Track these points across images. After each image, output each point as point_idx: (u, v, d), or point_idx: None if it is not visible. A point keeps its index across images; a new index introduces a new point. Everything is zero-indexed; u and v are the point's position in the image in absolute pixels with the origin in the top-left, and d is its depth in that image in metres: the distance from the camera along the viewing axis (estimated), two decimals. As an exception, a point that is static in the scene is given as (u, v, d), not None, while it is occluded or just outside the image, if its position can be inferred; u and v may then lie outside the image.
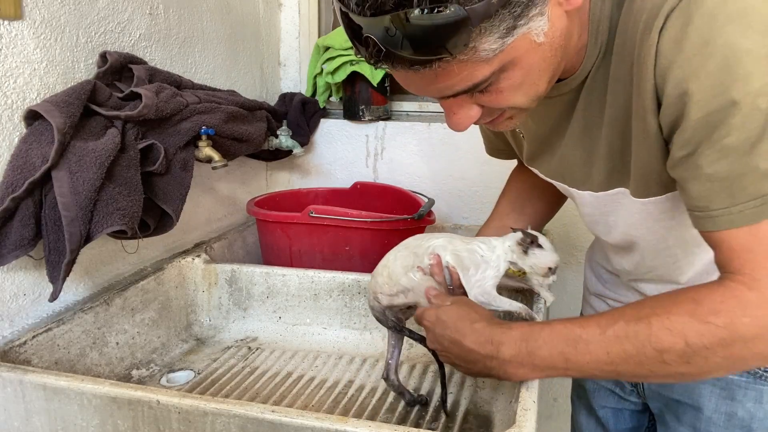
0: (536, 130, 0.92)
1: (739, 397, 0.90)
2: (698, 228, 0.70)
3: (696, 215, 0.70)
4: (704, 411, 0.93)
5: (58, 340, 1.02)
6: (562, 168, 0.91)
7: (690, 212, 0.71)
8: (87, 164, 0.96)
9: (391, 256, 1.00)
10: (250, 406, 0.78)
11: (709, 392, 0.92)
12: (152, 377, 1.14)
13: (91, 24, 1.11)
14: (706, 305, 0.67)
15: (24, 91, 0.99)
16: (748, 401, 0.89)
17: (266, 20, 1.76)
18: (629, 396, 1.09)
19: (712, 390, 0.92)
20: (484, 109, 0.74)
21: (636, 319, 0.71)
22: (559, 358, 0.75)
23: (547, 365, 0.76)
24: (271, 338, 1.29)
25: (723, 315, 0.66)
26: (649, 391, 1.04)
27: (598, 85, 0.78)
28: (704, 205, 0.68)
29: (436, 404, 1.04)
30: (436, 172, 1.75)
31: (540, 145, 0.93)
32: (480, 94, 0.71)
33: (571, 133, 0.85)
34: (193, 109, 1.20)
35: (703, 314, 0.67)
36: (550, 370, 0.77)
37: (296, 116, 1.72)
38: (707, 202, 0.67)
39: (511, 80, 0.69)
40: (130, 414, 0.82)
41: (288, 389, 1.10)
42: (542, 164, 0.95)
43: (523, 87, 0.70)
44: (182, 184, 1.17)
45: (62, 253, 0.96)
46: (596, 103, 0.79)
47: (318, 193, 1.72)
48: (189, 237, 1.44)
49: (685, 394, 0.95)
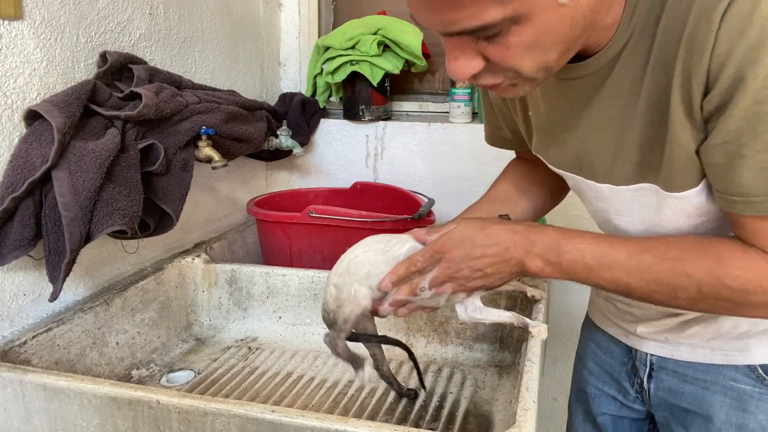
0: (548, 116, 0.87)
1: (752, 408, 0.88)
2: (732, 210, 0.71)
3: (733, 199, 0.70)
4: (714, 422, 0.90)
5: (58, 340, 1.02)
6: (578, 159, 0.85)
7: (725, 195, 0.71)
8: (87, 164, 0.96)
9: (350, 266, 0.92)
10: (250, 406, 0.78)
11: (721, 402, 0.90)
12: (152, 377, 1.14)
13: (91, 24, 1.11)
14: (727, 266, 0.72)
15: (24, 91, 0.99)
16: (761, 413, 0.87)
17: (266, 20, 1.76)
18: (632, 403, 1.05)
19: (724, 400, 0.90)
20: (488, 64, 0.69)
21: (662, 256, 0.75)
22: (583, 267, 0.79)
23: (572, 270, 0.80)
24: (271, 338, 1.29)
25: (740, 281, 0.71)
26: (655, 399, 0.99)
27: (630, 70, 0.73)
28: (743, 192, 0.68)
29: (436, 404, 1.04)
30: (436, 172, 1.75)
31: (551, 133, 0.88)
32: (486, 44, 0.66)
33: (593, 120, 0.80)
34: (193, 109, 1.20)
35: (722, 274, 0.71)
36: (572, 275, 0.80)
37: (296, 116, 1.72)
38: (747, 189, 0.68)
39: (521, 37, 0.64)
40: (130, 414, 0.82)
41: (288, 389, 1.10)
42: (552, 154, 0.90)
43: (533, 50, 0.66)
44: (182, 184, 1.17)
45: (62, 253, 0.96)
46: (630, 90, 0.74)
47: (318, 193, 1.72)
48: (189, 237, 1.44)
49: (694, 403, 0.93)
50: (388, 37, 1.69)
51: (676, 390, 0.95)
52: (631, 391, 1.04)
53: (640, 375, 1.00)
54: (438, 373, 1.14)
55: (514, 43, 0.65)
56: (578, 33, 0.67)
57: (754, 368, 0.87)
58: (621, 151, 0.78)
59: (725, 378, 0.89)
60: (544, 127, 0.89)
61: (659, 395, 0.98)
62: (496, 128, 1.06)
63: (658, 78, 0.70)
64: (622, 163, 0.79)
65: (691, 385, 0.93)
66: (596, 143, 0.81)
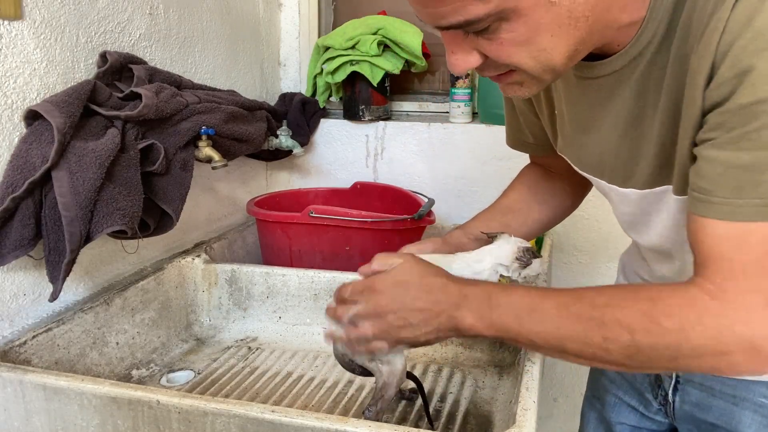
0: (570, 116, 0.84)
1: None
2: (693, 210, 0.66)
3: (696, 196, 0.65)
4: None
5: (58, 340, 1.02)
6: (600, 162, 0.82)
7: (691, 191, 0.66)
8: (87, 164, 0.96)
9: None
10: (250, 406, 0.78)
11: (750, 419, 0.86)
12: (152, 377, 1.14)
13: (91, 24, 1.11)
14: (661, 306, 0.66)
15: (24, 91, 0.99)
16: None
17: (266, 20, 1.76)
18: (655, 415, 1.01)
19: (754, 417, 0.85)
20: (488, 60, 0.68)
21: (592, 305, 0.70)
22: (514, 321, 0.74)
23: (503, 325, 0.75)
24: (271, 338, 1.29)
25: (676, 319, 0.64)
26: (681, 412, 0.94)
27: (656, 70, 0.70)
28: (709, 189, 0.63)
29: (436, 405, 1.04)
30: (436, 172, 1.75)
31: (575, 132, 0.85)
32: (480, 39, 0.66)
33: (614, 122, 0.77)
34: (193, 109, 1.20)
35: (656, 314, 0.65)
36: (504, 331, 0.76)
37: (296, 116, 1.72)
38: (714, 186, 0.63)
39: (513, 33, 0.63)
40: (130, 414, 0.82)
41: (288, 389, 1.10)
42: (575, 155, 0.87)
43: (528, 46, 0.65)
44: (182, 184, 1.17)
45: (62, 253, 0.96)
46: (653, 89, 0.71)
47: (318, 193, 1.72)
48: (189, 237, 1.44)
49: (722, 418, 0.88)
50: (388, 37, 1.69)
51: (703, 404, 0.91)
52: (654, 402, 1.00)
53: (665, 387, 0.97)
54: (438, 373, 1.14)
55: (507, 40, 0.64)
56: (583, 33, 0.65)
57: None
58: (642, 153, 0.75)
59: (756, 395, 0.85)
60: (567, 128, 0.87)
61: (685, 408, 0.94)
62: (518, 131, 1.04)
63: (677, 77, 0.68)
64: (644, 166, 0.76)
65: (719, 400, 0.88)
66: (618, 147, 0.78)
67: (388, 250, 0.99)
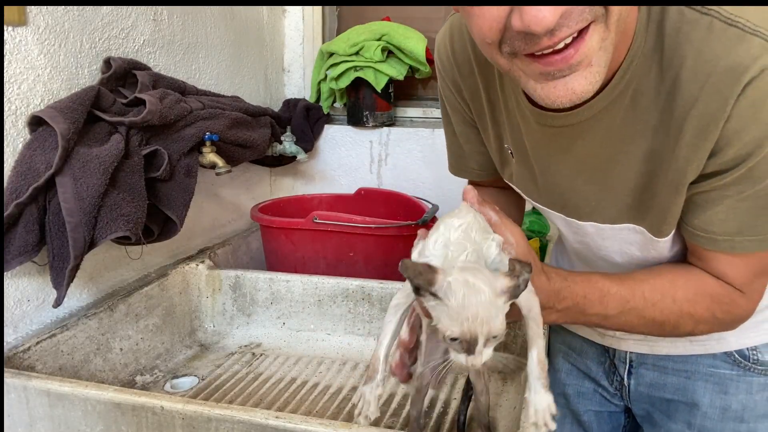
0: (531, 152, 0.85)
1: (732, 390, 0.93)
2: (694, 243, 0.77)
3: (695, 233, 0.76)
4: (700, 406, 0.95)
5: (62, 346, 1.02)
6: (561, 200, 0.86)
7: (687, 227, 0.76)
8: (91, 170, 0.96)
9: None
10: (254, 412, 0.78)
11: (703, 388, 0.95)
12: (156, 383, 1.14)
13: (95, 30, 1.11)
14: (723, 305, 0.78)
15: (28, 97, 0.99)
16: (740, 393, 0.93)
17: (270, 26, 1.77)
18: (611, 398, 1.07)
19: (706, 386, 0.94)
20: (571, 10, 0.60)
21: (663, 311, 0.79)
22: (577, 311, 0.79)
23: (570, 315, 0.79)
24: (275, 344, 1.29)
25: (729, 314, 0.79)
26: (636, 394, 1.02)
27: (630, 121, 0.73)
28: (711, 230, 0.74)
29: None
30: (440, 178, 1.74)
31: (531, 170, 0.87)
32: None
33: (578, 167, 0.80)
34: (196, 115, 1.20)
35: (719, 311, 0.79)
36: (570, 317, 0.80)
37: (300, 122, 1.72)
38: (716, 228, 0.74)
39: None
40: (134, 420, 0.82)
41: (292, 395, 1.10)
42: (532, 190, 0.90)
43: None
44: (186, 190, 1.17)
45: (66, 259, 0.96)
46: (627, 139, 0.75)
47: (322, 199, 1.72)
48: (193, 243, 1.44)
49: (678, 392, 0.97)
50: (392, 43, 1.69)
51: (658, 383, 0.99)
52: (609, 388, 1.07)
53: (620, 372, 1.03)
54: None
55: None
56: None
57: (731, 354, 0.92)
58: (609, 194, 0.80)
59: (705, 366, 0.94)
60: (525, 163, 0.87)
61: (640, 390, 1.02)
62: (460, 158, 1.03)
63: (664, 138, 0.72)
64: (609, 205, 0.81)
65: (673, 377, 0.97)
66: (583, 187, 0.82)
67: (392, 255, 0.99)
